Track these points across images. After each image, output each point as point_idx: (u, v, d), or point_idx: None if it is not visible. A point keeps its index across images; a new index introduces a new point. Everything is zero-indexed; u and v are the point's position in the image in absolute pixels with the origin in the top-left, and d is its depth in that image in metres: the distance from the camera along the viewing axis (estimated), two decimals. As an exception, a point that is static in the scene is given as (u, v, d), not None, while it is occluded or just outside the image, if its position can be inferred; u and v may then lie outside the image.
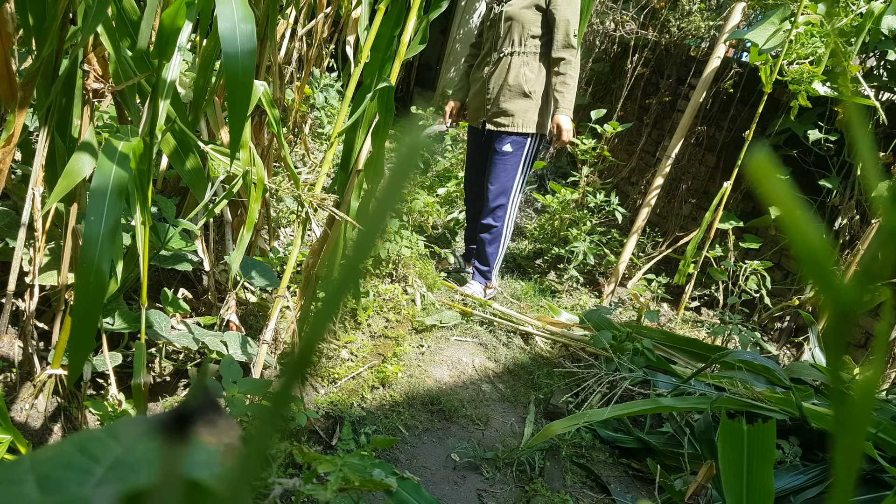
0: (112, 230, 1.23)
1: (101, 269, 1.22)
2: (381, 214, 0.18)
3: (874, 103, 2.60)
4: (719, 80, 3.72)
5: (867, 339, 3.06)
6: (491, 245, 3.06)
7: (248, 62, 1.26)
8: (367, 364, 2.38)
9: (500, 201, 2.97)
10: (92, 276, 1.21)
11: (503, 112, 2.88)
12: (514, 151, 2.90)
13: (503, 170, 2.92)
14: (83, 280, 1.21)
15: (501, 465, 2.03)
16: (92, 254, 1.21)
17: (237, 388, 1.53)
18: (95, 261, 1.22)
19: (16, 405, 1.63)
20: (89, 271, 1.21)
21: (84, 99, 1.48)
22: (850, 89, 2.64)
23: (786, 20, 2.53)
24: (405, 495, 1.24)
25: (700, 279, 3.48)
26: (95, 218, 1.21)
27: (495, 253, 3.07)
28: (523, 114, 2.86)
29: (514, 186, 2.95)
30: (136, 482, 0.22)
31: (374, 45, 1.70)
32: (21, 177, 1.86)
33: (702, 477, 1.74)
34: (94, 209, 1.22)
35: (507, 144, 2.89)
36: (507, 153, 2.90)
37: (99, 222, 1.22)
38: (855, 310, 0.20)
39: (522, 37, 2.82)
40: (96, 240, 1.22)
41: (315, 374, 2.19)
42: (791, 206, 0.20)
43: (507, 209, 2.98)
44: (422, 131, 0.19)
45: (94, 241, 1.22)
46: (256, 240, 2.46)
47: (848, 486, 0.22)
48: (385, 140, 1.80)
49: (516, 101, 2.85)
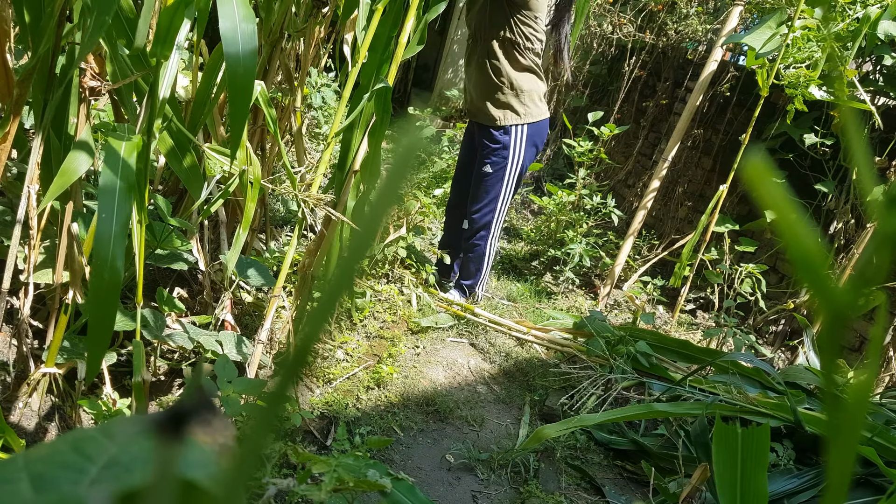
0: (124, 227, 1.23)
1: (115, 265, 1.22)
2: (377, 215, 0.18)
3: (870, 108, 2.61)
4: (716, 84, 3.73)
5: (862, 342, 3.07)
6: (474, 263, 3.02)
7: (249, 62, 1.25)
8: (363, 365, 2.38)
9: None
10: (106, 273, 1.21)
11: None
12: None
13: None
14: (97, 278, 1.21)
15: (496, 467, 2.03)
16: (105, 251, 1.21)
17: (232, 387, 1.53)
18: (109, 258, 1.22)
19: (10, 404, 1.62)
20: (104, 268, 1.21)
21: (80, 97, 1.48)
22: (846, 94, 2.65)
23: (783, 24, 2.53)
24: (400, 496, 1.24)
25: (696, 282, 3.49)
26: (107, 215, 1.21)
27: (479, 271, 3.03)
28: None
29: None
30: (131, 482, 0.22)
31: (372, 45, 1.70)
32: (16, 174, 1.85)
33: (696, 480, 1.74)
34: (104, 207, 1.22)
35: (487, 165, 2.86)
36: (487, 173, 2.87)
37: (110, 219, 1.21)
38: (849, 313, 0.20)
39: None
40: (109, 237, 1.22)
41: (310, 375, 2.19)
42: (786, 210, 0.20)
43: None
44: (419, 132, 0.19)
45: (106, 238, 1.22)
46: (252, 239, 2.46)
47: (841, 489, 0.22)
48: (382, 141, 1.80)
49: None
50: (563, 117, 4.50)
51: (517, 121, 2.78)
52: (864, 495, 1.87)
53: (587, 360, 2.61)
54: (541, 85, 2.85)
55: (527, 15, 2.65)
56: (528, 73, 2.77)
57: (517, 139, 2.80)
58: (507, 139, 2.79)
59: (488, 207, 2.89)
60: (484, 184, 2.86)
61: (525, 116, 2.78)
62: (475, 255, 2.99)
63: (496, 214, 2.91)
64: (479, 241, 2.95)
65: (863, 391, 0.21)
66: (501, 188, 2.86)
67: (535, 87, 2.80)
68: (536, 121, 2.82)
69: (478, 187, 2.89)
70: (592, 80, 5.29)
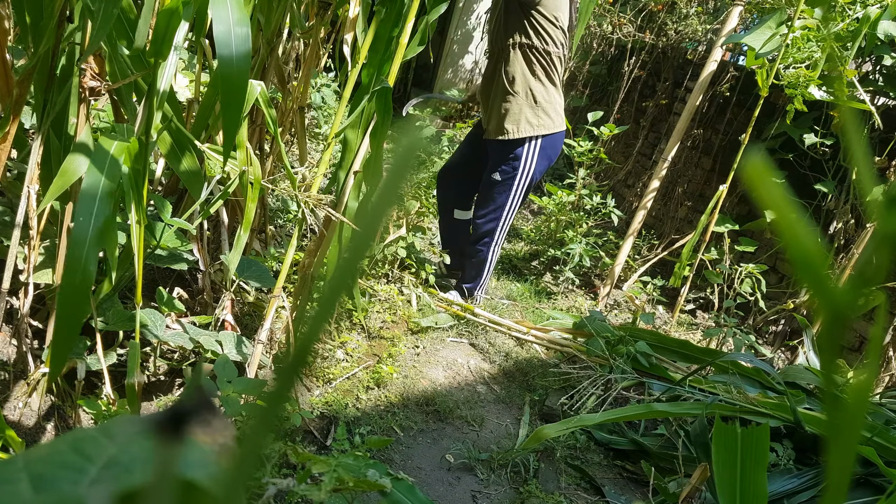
0: (100, 231, 1.23)
1: (87, 269, 1.21)
2: (377, 215, 0.18)
3: (870, 108, 2.61)
4: (716, 84, 3.73)
5: (861, 342, 3.07)
6: (475, 268, 3.01)
7: (242, 65, 1.25)
8: (363, 364, 2.38)
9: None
10: (78, 275, 1.21)
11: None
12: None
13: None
14: (69, 279, 1.21)
15: (496, 467, 2.03)
16: (79, 254, 1.21)
17: (232, 387, 1.53)
18: (83, 261, 1.21)
19: (9, 403, 1.62)
20: (76, 270, 1.21)
21: (80, 97, 1.48)
22: (845, 94, 2.65)
23: (782, 24, 2.53)
24: (399, 496, 1.24)
25: (696, 282, 3.49)
26: (84, 218, 1.21)
27: (479, 276, 3.02)
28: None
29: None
30: (131, 482, 0.22)
31: (373, 45, 1.70)
32: (16, 175, 1.85)
33: (696, 479, 1.74)
34: (83, 210, 1.22)
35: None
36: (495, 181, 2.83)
37: (88, 223, 1.21)
38: (849, 313, 0.20)
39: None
40: (84, 240, 1.21)
41: (310, 375, 2.19)
42: (786, 210, 0.20)
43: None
44: (419, 132, 0.19)
45: (81, 241, 1.21)
46: (252, 240, 2.46)
47: (841, 489, 0.22)
48: (383, 141, 1.80)
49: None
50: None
51: (530, 133, 2.69)
52: (864, 495, 1.87)
53: (587, 360, 2.61)
54: (557, 97, 2.75)
55: (542, 14, 2.55)
56: (544, 84, 2.68)
57: (530, 151, 2.72)
58: (521, 150, 2.72)
59: (493, 215, 2.86)
60: (491, 191, 2.82)
61: (538, 128, 2.69)
62: (477, 260, 2.99)
63: (500, 223, 2.88)
64: (482, 246, 2.94)
65: (863, 391, 0.21)
66: (508, 198, 2.81)
67: (552, 98, 2.71)
68: (551, 133, 2.73)
69: (485, 193, 2.86)
70: (592, 80, 5.29)
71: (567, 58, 2.85)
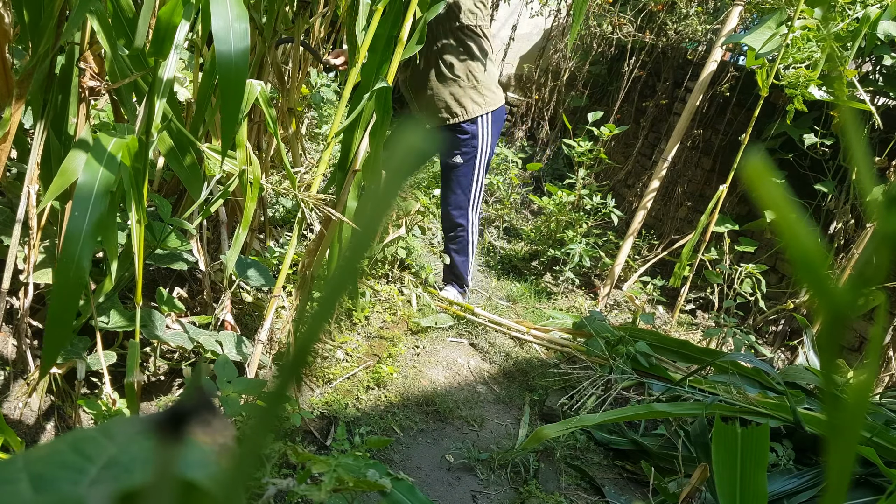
0: (95, 228, 1.23)
1: (81, 265, 1.21)
2: (377, 215, 0.18)
3: (870, 108, 2.61)
4: (716, 84, 3.73)
5: (861, 342, 3.07)
6: (459, 255, 3.04)
7: (241, 61, 1.25)
8: (363, 364, 2.38)
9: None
10: (72, 271, 1.21)
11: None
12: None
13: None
14: (62, 276, 1.21)
15: (496, 467, 2.03)
16: (73, 250, 1.21)
17: (232, 387, 1.53)
18: (76, 257, 1.21)
19: (9, 403, 1.62)
20: (69, 267, 1.21)
21: (80, 97, 1.48)
22: (845, 94, 2.65)
23: (782, 24, 2.53)
24: (399, 496, 1.24)
25: (695, 282, 3.49)
26: (79, 214, 1.21)
27: (466, 261, 3.05)
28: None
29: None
30: (130, 482, 0.22)
31: (372, 45, 1.70)
32: (16, 174, 1.85)
33: (696, 479, 1.74)
34: (78, 206, 1.22)
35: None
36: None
37: (83, 219, 1.21)
38: (849, 314, 0.20)
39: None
40: (78, 236, 1.21)
41: (310, 375, 2.19)
42: (786, 210, 0.20)
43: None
44: (419, 132, 0.19)
45: (76, 237, 1.21)
46: (252, 239, 2.46)
47: (841, 489, 0.22)
48: (383, 140, 1.80)
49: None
50: (563, 117, 4.50)
51: (479, 111, 2.79)
52: (864, 495, 1.87)
53: (587, 360, 2.61)
54: (493, 69, 2.86)
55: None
56: (482, 60, 2.76)
57: (484, 127, 2.83)
58: (475, 128, 2.81)
59: (463, 196, 2.90)
60: (455, 175, 2.88)
61: (486, 106, 2.80)
62: (459, 245, 3.00)
63: (471, 201, 2.92)
64: (461, 232, 2.98)
65: (862, 391, 0.21)
66: (473, 176, 2.88)
67: (490, 71, 2.82)
68: (497, 108, 2.85)
69: (449, 180, 2.91)
70: (592, 80, 5.28)
71: (490, 12, 2.87)
